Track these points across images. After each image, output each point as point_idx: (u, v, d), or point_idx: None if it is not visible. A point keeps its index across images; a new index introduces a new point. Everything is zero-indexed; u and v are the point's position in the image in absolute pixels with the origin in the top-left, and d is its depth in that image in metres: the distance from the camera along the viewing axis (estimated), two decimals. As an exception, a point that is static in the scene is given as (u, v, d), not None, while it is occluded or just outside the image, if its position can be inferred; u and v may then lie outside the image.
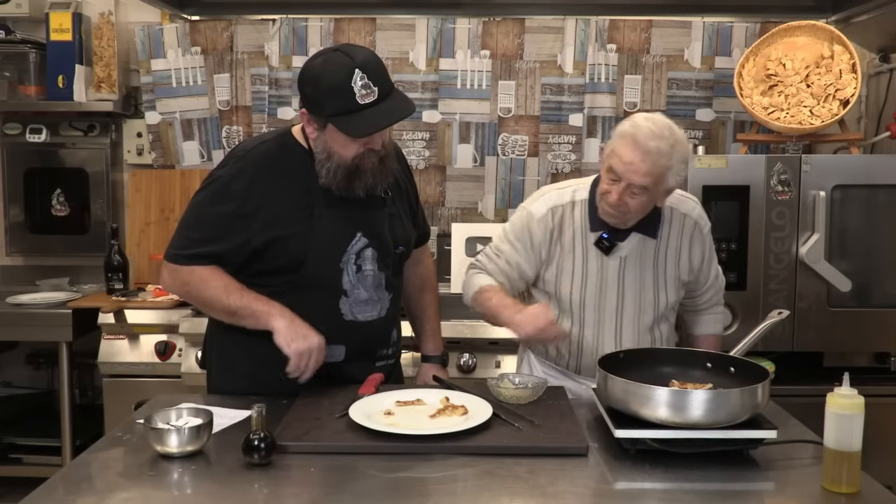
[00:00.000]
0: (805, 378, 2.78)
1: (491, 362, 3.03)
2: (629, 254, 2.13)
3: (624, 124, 2.01)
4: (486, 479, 1.55)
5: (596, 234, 2.11)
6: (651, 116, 2.01)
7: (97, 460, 1.68)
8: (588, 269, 2.13)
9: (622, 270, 2.13)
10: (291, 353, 1.89)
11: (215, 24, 3.68)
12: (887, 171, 2.81)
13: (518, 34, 3.60)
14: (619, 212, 2.03)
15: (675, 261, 2.16)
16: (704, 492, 1.53)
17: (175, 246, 2.00)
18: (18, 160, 3.84)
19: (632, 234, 2.11)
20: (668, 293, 2.16)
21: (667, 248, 2.15)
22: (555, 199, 2.17)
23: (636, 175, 1.95)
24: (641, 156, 1.94)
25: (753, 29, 3.55)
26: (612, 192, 2.00)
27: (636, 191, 1.98)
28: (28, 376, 3.97)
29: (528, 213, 2.17)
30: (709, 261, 2.23)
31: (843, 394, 1.52)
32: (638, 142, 1.94)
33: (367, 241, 2.02)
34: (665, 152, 1.94)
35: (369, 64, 1.85)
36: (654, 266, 2.15)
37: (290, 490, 1.53)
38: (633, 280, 2.13)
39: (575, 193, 2.17)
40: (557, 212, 2.15)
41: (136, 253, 3.71)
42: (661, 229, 2.14)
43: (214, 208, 1.96)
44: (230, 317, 1.98)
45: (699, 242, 2.19)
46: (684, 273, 2.18)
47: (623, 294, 2.14)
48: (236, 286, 1.96)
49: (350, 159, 1.92)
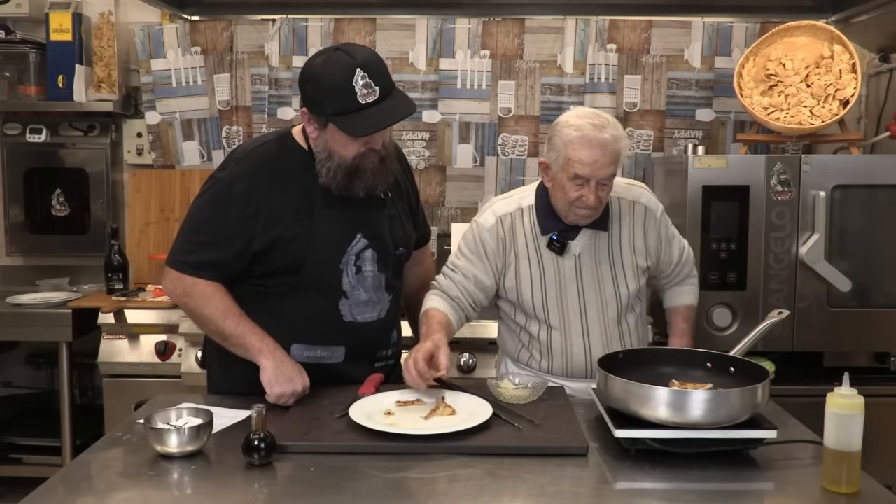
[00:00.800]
0: (805, 378, 2.78)
1: (491, 362, 3.03)
2: (582, 250, 2.14)
3: (564, 130, 2.02)
4: (486, 479, 1.55)
5: (547, 237, 2.14)
6: (578, 112, 2.05)
7: (97, 460, 1.68)
8: (545, 272, 2.15)
9: (578, 268, 2.15)
10: (272, 395, 1.90)
11: (215, 24, 3.68)
12: (887, 171, 2.81)
13: (518, 34, 3.60)
14: (593, 210, 2.05)
15: (631, 249, 2.17)
16: (704, 492, 1.53)
17: (178, 252, 2.00)
18: (18, 160, 3.85)
19: (581, 230, 2.13)
20: (627, 283, 2.17)
21: (620, 238, 2.17)
22: (502, 208, 2.19)
23: (603, 170, 1.99)
24: (601, 151, 1.98)
25: (753, 29, 3.55)
26: (587, 195, 2.02)
27: (605, 182, 2.02)
28: (28, 376, 3.97)
29: (478, 225, 2.20)
30: (668, 241, 2.24)
31: (843, 394, 1.52)
32: (592, 139, 1.97)
33: (367, 243, 2.02)
34: (617, 136, 2.00)
35: (370, 63, 1.85)
36: (610, 258, 2.16)
37: (290, 490, 1.54)
38: (591, 276, 2.15)
39: (521, 200, 2.20)
40: (506, 220, 2.17)
41: (136, 253, 3.71)
42: (610, 221, 2.15)
43: (216, 211, 1.96)
44: (222, 340, 1.99)
45: (653, 226, 2.20)
46: (641, 259, 2.19)
47: (583, 292, 2.15)
48: (235, 311, 1.96)
49: (351, 159, 1.91)
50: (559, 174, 2.04)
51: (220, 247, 1.96)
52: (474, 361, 3.03)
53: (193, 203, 2.02)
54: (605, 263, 2.16)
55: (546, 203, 2.15)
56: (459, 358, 3.02)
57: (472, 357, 3.03)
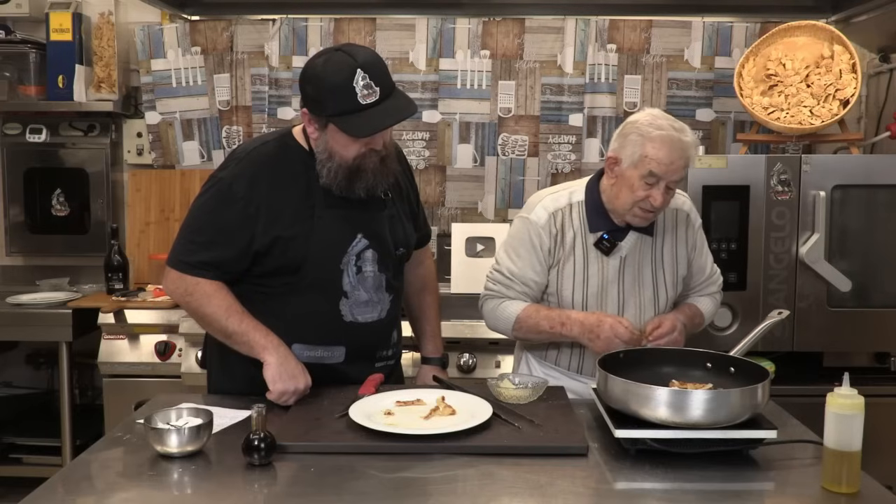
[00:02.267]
0: (805, 378, 2.78)
1: (491, 362, 3.03)
2: (628, 253, 2.12)
3: (643, 128, 1.98)
4: (486, 479, 1.55)
5: (595, 235, 2.11)
6: (655, 113, 2.02)
7: (97, 460, 1.68)
8: (588, 270, 2.12)
9: (622, 270, 2.13)
10: (274, 391, 1.90)
11: (215, 24, 3.68)
12: (887, 171, 2.81)
13: (518, 34, 3.60)
14: (658, 211, 2.04)
15: (672, 256, 2.16)
16: (704, 492, 1.53)
17: (179, 252, 2.00)
18: (18, 160, 3.85)
19: (630, 232, 2.11)
20: (667, 290, 2.16)
21: (663, 244, 2.16)
22: (552, 204, 2.15)
23: (676, 173, 1.97)
24: (679, 153, 1.96)
25: (753, 29, 3.55)
26: (656, 195, 1.99)
27: (672, 186, 2.00)
28: (28, 376, 3.97)
29: (530, 223, 2.14)
30: (699, 251, 2.23)
31: (843, 394, 1.52)
32: (674, 140, 1.95)
33: (368, 243, 2.02)
34: (692, 142, 1.99)
35: (371, 64, 1.85)
36: (653, 264, 2.15)
37: (290, 490, 1.54)
38: (633, 279, 2.13)
39: (571, 196, 2.16)
40: (558, 216, 2.13)
41: (136, 253, 3.71)
42: (656, 226, 2.14)
43: (217, 211, 1.96)
44: (225, 338, 1.99)
45: (692, 234, 2.20)
46: (682, 267, 2.18)
47: (623, 294, 2.13)
48: (238, 309, 1.97)
49: (351, 159, 1.91)
50: (629, 171, 2.00)
51: (221, 246, 1.96)
52: (474, 361, 3.03)
53: (194, 203, 2.02)
54: (648, 268, 2.14)
55: (596, 200, 2.12)
56: (459, 358, 3.02)
57: (472, 357, 3.03)
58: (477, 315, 2.27)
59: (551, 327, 2.09)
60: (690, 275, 2.23)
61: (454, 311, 3.10)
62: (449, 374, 2.52)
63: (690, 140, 1.99)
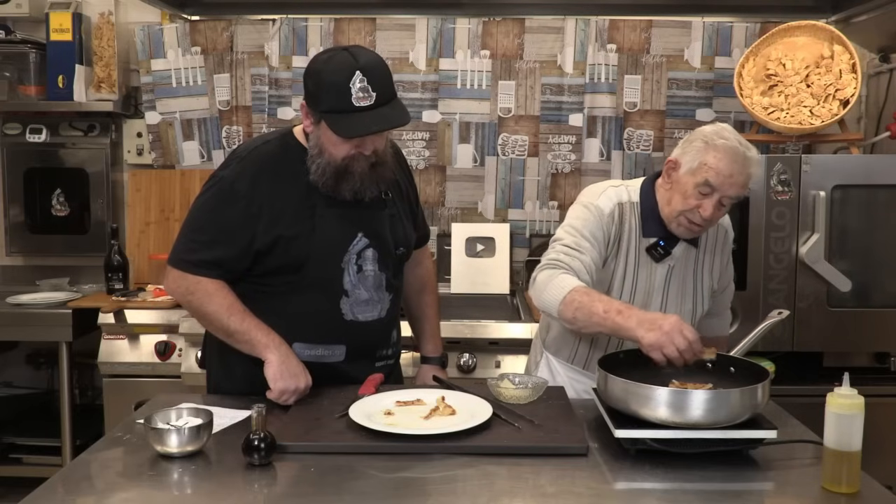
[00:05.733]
0: (805, 378, 2.79)
1: (491, 362, 3.03)
2: (676, 262, 2.10)
3: (711, 137, 1.94)
4: (486, 479, 1.55)
5: (648, 240, 2.07)
6: (727, 127, 1.99)
7: (97, 460, 1.68)
8: (638, 274, 2.09)
9: (668, 279, 2.10)
10: (276, 390, 1.90)
11: (215, 24, 3.69)
12: (887, 171, 2.81)
13: (518, 34, 3.60)
14: (707, 225, 1.99)
15: (710, 270, 2.16)
16: (704, 492, 1.53)
17: (180, 251, 2.00)
18: (18, 160, 3.85)
19: (679, 242, 2.08)
20: (703, 303, 2.15)
21: (703, 257, 2.14)
22: (616, 197, 2.09)
23: (734, 187, 1.93)
24: (741, 168, 1.92)
25: (753, 29, 3.55)
26: (706, 207, 1.94)
27: (725, 202, 1.95)
28: (28, 376, 3.97)
29: (598, 209, 2.06)
30: (726, 266, 2.22)
31: (843, 394, 1.52)
32: (738, 153, 1.91)
33: (368, 242, 2.02)
34: (756, 160, 1.95)
35: (372, 68, 1.85)
36: (694, 275, 2.13)
37: (290, 490, 1.54)
38: (677, 289, 2.12)
39: (630, 194, 2.11)
40: (620, 210, 2.08)
41: (136, 253, 3.71)
42: (701, 238, 2.12)
43: (219, 210, 1.96)
44: (227, 337, 1.99)
45: (727, 250, 2.19)
46: (715, 282, 2.17)
47: (666, 303, 2.11)
48: (239, 308, 1.97)
49: (339, 159, 1.92)
50: (685, 177, 1.97)
51: (222, 245, 1.96)
52: (474, 361, 3.03)
53: (195, 202, 2.02)
54: (690, 280, 2.12)
55: (651, 205, 2.07)
56: (459, 358, 3.02)
57: (472, 357, 3.03)
58: (477, 315, 2.28)
59: (605, 311, 1.86)
60: (719, 289, 2.22)
61: (454, 311, 3.10)
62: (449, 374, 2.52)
63: (754, 157, 1.94)
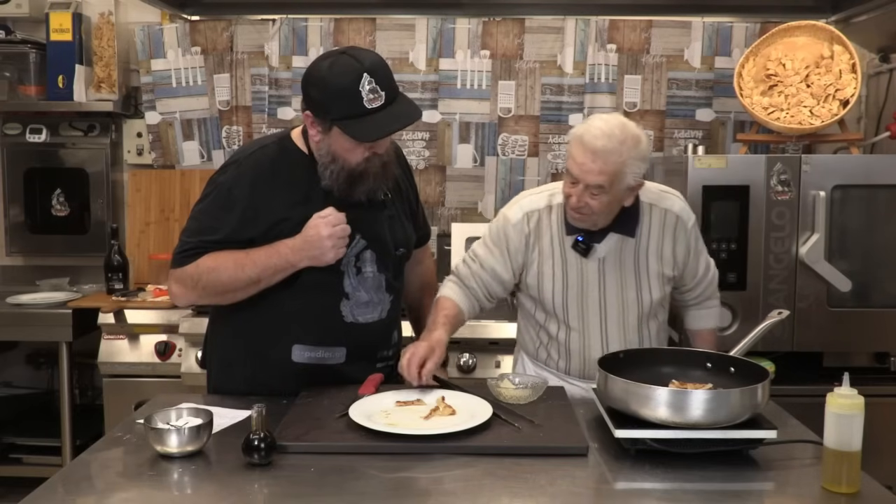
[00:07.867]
0: (805, 378, 2.78)
1: (491, 362, 3.03)
2: (607, 254, 2.13)
3: (578, 127, 2.04)
4: (486, 479, 1.55)
5: (572, 238, 2.13)
6: (604, 116, 2.04)
7: (97, 460, 1.68)
8: (568, 272, 2.14)
9: (602, 272, 2.14)
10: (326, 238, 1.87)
11: (215, 24, 3.69)
12: (887, 171, 2.81)
13: (518, 34, 3.60)
14: (583, 214, 2.04)
15: (658, 257, 2.16)
16: (704, 492, 1.53)
17: (177, 252, 1.99)
18: (18, 160, 3.85)
19: (609, 234, 2.12)
20: (651, 291, 2.16)
21: (647, 245, 2.15)
22: (530, 205, 2.18)
23: (590, 175, 1.97)
24: (592, 156, 1.96)
25: (753, 29, 3.55)
26: (573, 195, 2.02)
27: (595, 191, 1.99)
28: (28, 376, 3.97)
29: (505, 218, 2.19)
30: (696, 254, 2.22)
31: (843, 394, 1.52)
32: (586, 142, 1.97)
33: (366, 244, 2.02)
34: (614, 150, 1.95)
35: (377, 68, 1.84)
36: (635, 265, 2.15)
37: (290, 490, 1.53)
38: (614, 280, 2.14)
39: (552, 198, 2.18)
40: (533, 217, 2.16)
41: (136, 253, 3.71)
42: (639, 227, 2.14)
43: (217, 215, 1.96)
44: (256, 286, 1.95)
45: (683, 236, 2.18)
46: (668, 268, 2.17)
47: (605, 295, 2.14)
48: (242, 255, 1.93)
49: (355, 164, 1.91)
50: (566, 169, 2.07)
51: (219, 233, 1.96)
52: (474, 361, 3.03)
53: (194, 208, 2.02)
54: (630, 269, 2.14)
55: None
56: (459, 358, 3.02)
57: (472, 357, 3.03)
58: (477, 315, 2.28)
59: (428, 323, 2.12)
60: (686, 277, 2.23)
61: (454, 311, 3.10)
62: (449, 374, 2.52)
63: (605, 146, 1.94)
